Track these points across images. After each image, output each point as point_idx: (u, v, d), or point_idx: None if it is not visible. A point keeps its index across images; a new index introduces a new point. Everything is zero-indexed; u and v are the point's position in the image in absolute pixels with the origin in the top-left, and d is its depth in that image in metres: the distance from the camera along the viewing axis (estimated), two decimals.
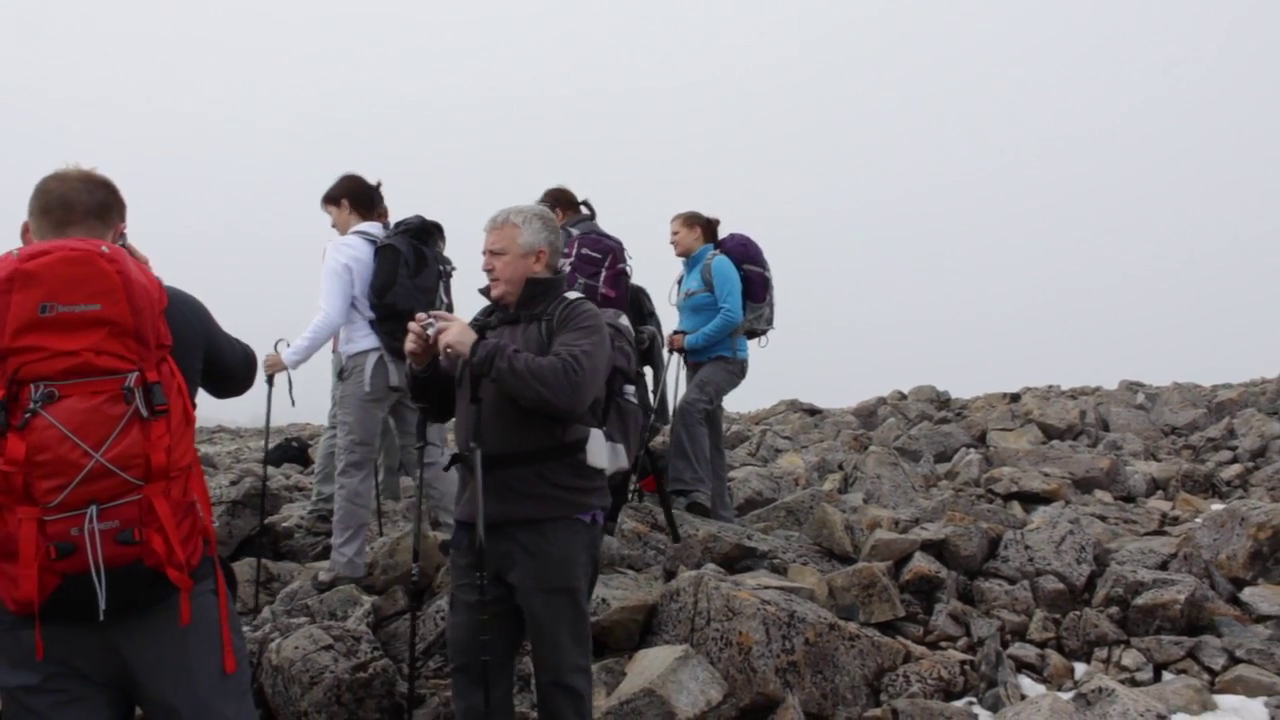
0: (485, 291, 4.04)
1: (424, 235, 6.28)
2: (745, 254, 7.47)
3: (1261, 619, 6.04)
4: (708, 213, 7.62)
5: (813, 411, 19.55)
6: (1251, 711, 4.87)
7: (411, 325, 3.83)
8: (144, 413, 2.64)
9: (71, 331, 2.58)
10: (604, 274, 6.36)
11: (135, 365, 2.66)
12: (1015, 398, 18.55)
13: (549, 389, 3.55)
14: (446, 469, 4.46)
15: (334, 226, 6.38)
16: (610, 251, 6.45)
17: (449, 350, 3.73)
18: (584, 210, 6.98)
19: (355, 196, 6.38)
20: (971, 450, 12.60)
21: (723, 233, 7.65)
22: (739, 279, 7.31)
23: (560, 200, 6.96)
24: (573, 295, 3.93)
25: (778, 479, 10.11)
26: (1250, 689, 5.12)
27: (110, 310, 2.63)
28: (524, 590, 3.75)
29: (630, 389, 4.08)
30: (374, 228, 6.30)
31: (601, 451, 3.82)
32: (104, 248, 2.67)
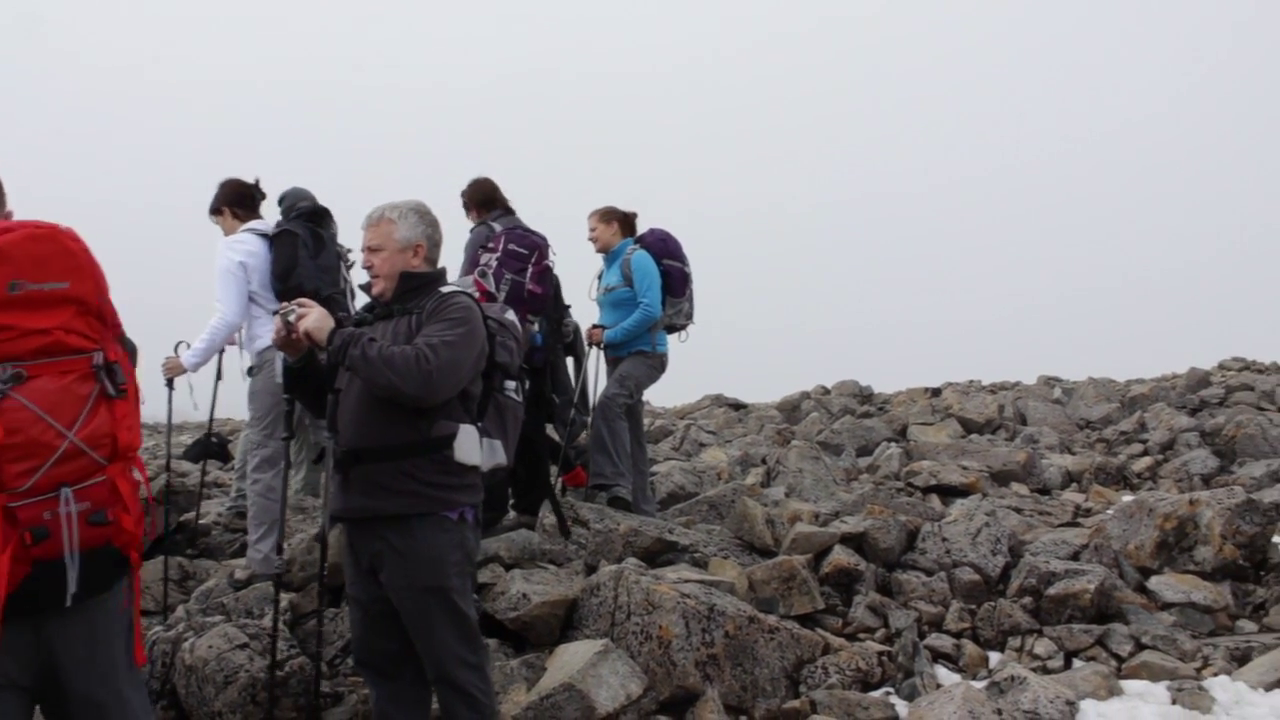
0: (366, 288, 4.01)
1: (317, 218, 6.28)
2: (665, 249, 7.49)
3: (1166, 606, 6.25)
4: (625, 207, 7.61)
5: (737, 406, 19.70)
6: (1155, 695, 5.02)
7: (276, 315, 3.79)
8: (110, 391, 2.64)
9: (41, 310, 2.55)
10: (530, 270, 6.32)
11: (98, 344, 2.66)
12: (936, 393, 18.88)
13: (399, 377, 3.52)
14: (316, 463, 4.42)
15: (226, 235, 6.36)
16: (536, 247, 6.42)
17: (307, 338, 3.69)
18: (503, 208, 6.95)
19: (235, 200, 6.41)
20: (892, 444, 12.79)
21: (641, 227, 7.64)
22: (659, 274, 7.32)
23: (484, 192, 6.92)
24: (448, 289, 3.90)
25: (701, 473, 10.17)
26: (1154, 674, 5.29)
27: (77, 288, 2.62)
28: (395, 589, 3.73)
29: (511, 385, 4.06)
30: (261, 223, 6.28)
31: (472, 447, 3.77)
32: (62, 225, 2.65)
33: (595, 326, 7.46)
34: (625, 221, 7.56)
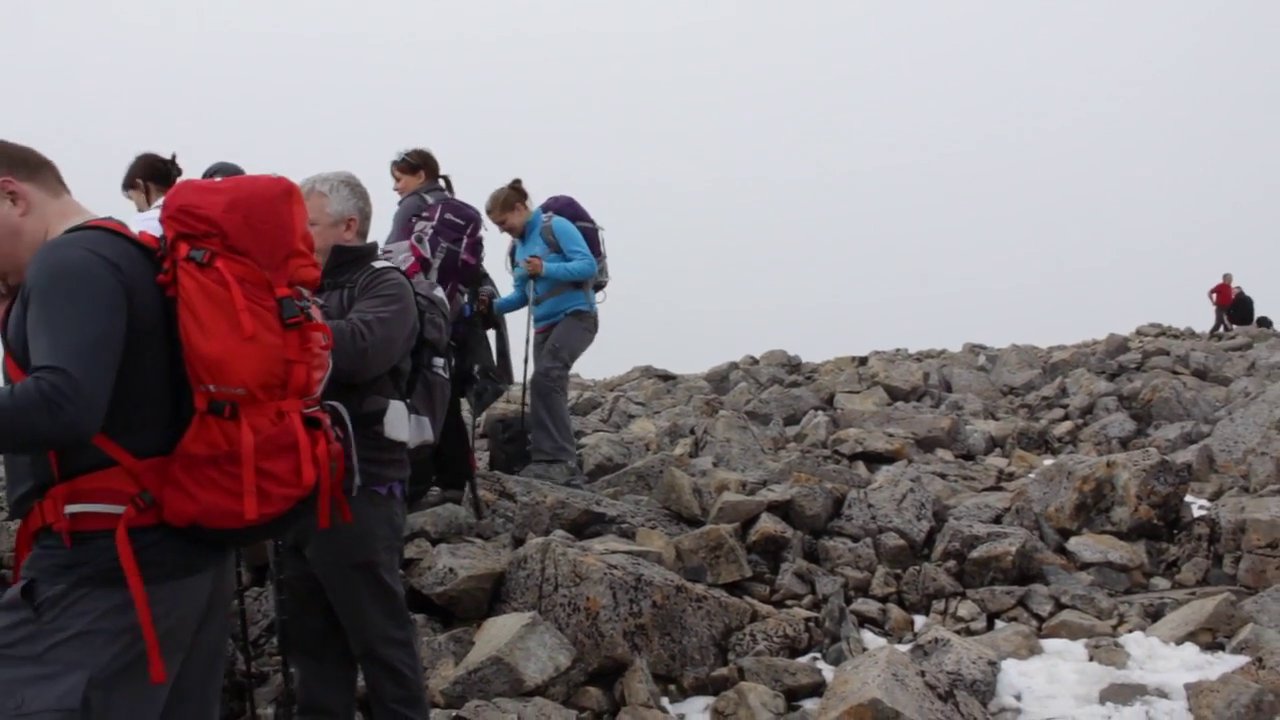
0: None
1: None
2: (575, 211, 7.57)
3: (1085, 566, 6.43)
4: (503, 183, 7.51)
5: (666, 377, 19.73)
6: (1073, 653, 5.18)
7: None
8: None
9: (313, 248, 2.79)
10: (465, 240, 6.28)
11: None
12: (863, 361, 19.09)
13: (333, 352, 3.50)
14: None
15: (140, 211, 6.19)
16: (472, 219, 6.38)
17: None
18: (441, 183, 6.85)
19: (150, 174, 6.23)
20: (819, 413, 12.93)
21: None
22: (579, 232, 7.37)
23: (428, 163, 6.82)
24: (380, 264, 3.86)
25: (629, 444, 10.18)
26: (1073, 632, 5.44)
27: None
28: (321, 565, 3.70)
29: (439, 362, 4.05)
30: None
31: (401, 424, 3.77)
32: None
33: (534, 257, 7.28)
34: (521, 195, 7.48)
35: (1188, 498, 7.71)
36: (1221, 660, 4.95)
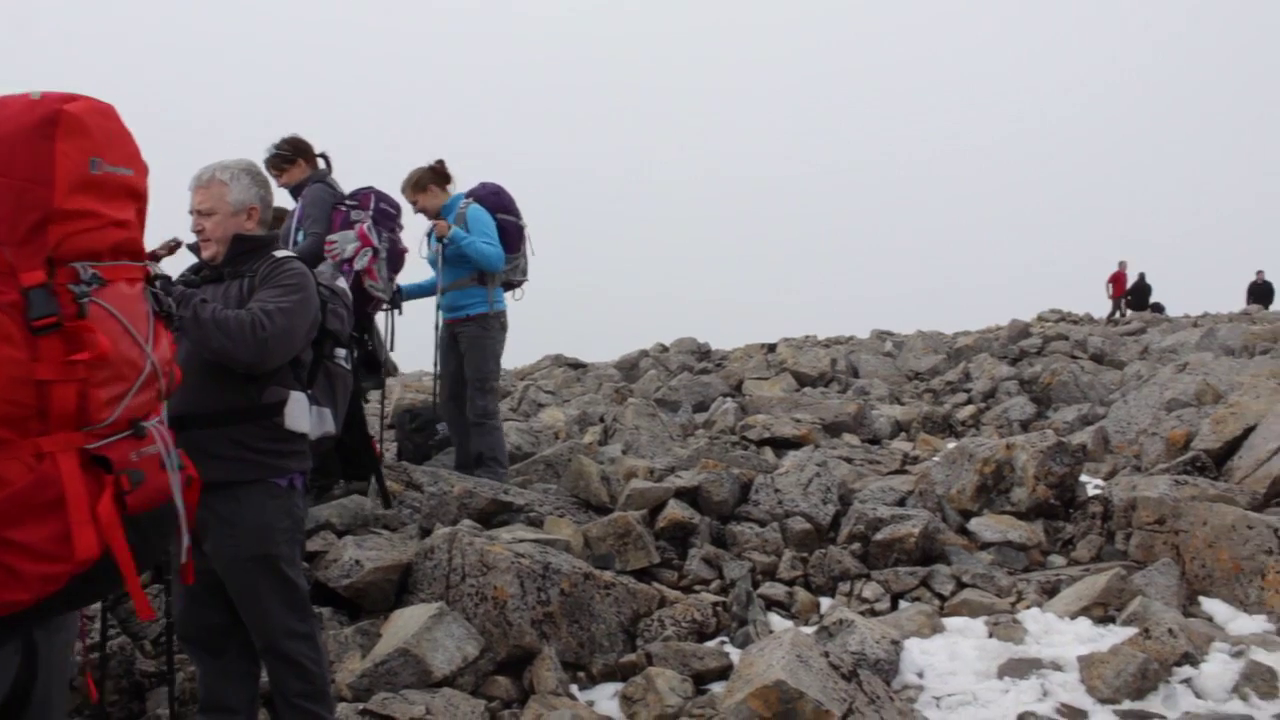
0: (195, 249, 3.86)
1: None
2: (499, 202, 7.33)
3: (985, 546, 6.62)
4: (424, 163, 7.30)
5: (576, 365, 19.74)
6: (973, 630, 5.32)
7: None
8: (159, 309, 2.20)
9: (115, 199, 2.06)
10: (398, 229, 6.23)
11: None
12: (772, 348, 19.28)
13: (232, 342, 3.43)
14: None
15: None
16: (399, 209, 6.30)
17: None
18: (321, 164, 6.72)
19: None
20: (728, 399, 13.04)
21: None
22: (495, 225, 7.16)
23: (303, 150, 6.68)
24: (281, 253, 3.81)
25: (538, 433, 10.19)
26: (974, 610, 5.60)
27: (139, 179, 2.16)
28: (221, 559, 3.65)
29: (342, 352, 4.02)
30: None
31: (302, 415, 3.74)
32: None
33: (441, 219, 7.09)
34: (439, 176, 7.28)
35: (1084, 478, 7.96)
36: (1112, 632, 5.13)
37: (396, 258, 6.20)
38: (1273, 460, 7.33)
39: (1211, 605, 5.48)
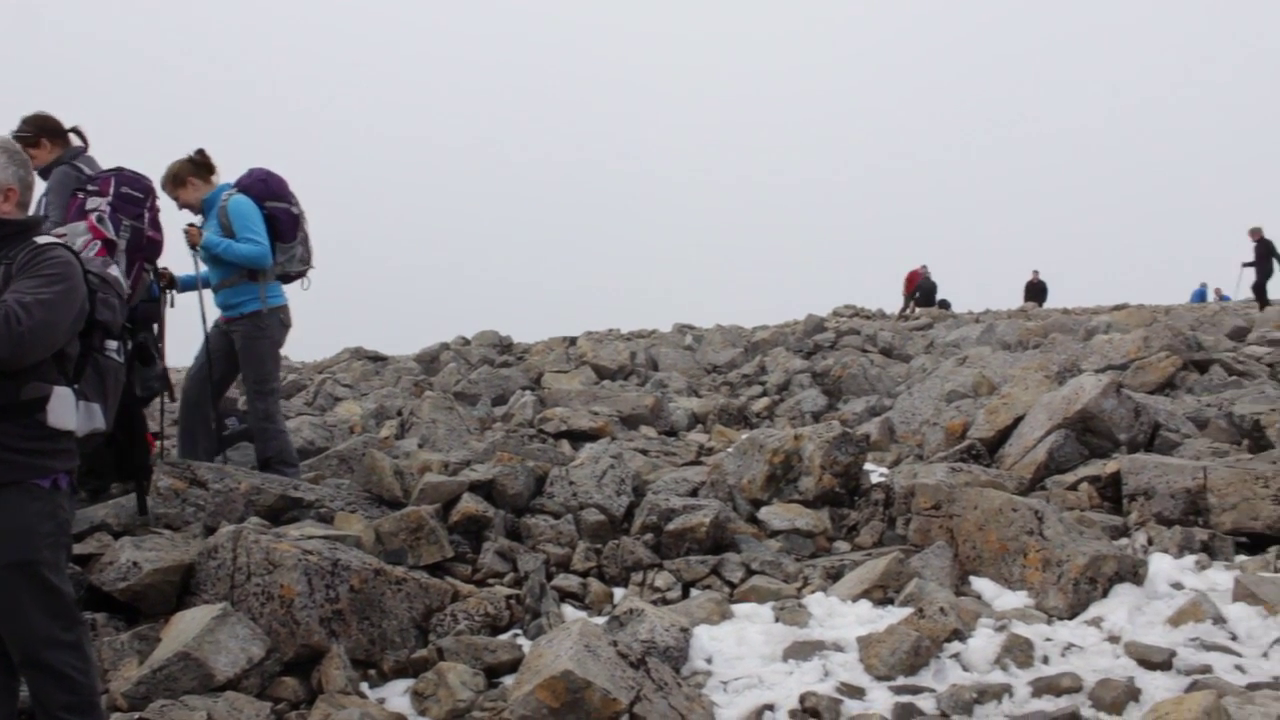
0: None
1: None
2: (266, 190, 6.98)
3: (774, 534, 6.91)
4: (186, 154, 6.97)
5: (376, 358, 19.43)
6: (761, 615, 5.55)
7: None
8: None
9: None
10: (147, 215, 5.87)
11: None
12: (573, 341, 19.43)
13: None
14: None
15: None
16: (149, 191, 5.95)
17: None
18: (75, 140, 6.34)
19: None
20: (527, 392, 13.10)
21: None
22: (261, 216, 6.84)
23: (48, 129, 6.26)
24: (44, 240, 3.60)
25: (332, 428, 10.03)
26: (761, 596, 5.84)
27: None
28: None
29: (113, 345, 3.84)
30: None
31: (67, 412, 3.55)
32: None
33: (191, 225, 6.75)
34: (200, 168, 6.93)
35: (870, 466, 8.36)
36: (890, 613, 5.44)
37: (146, 246, 5.86)
38: (1038, 448, 7.88)
39: (980, 584, 5.86)
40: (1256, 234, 23.48)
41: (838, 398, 13.43)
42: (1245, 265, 24.07)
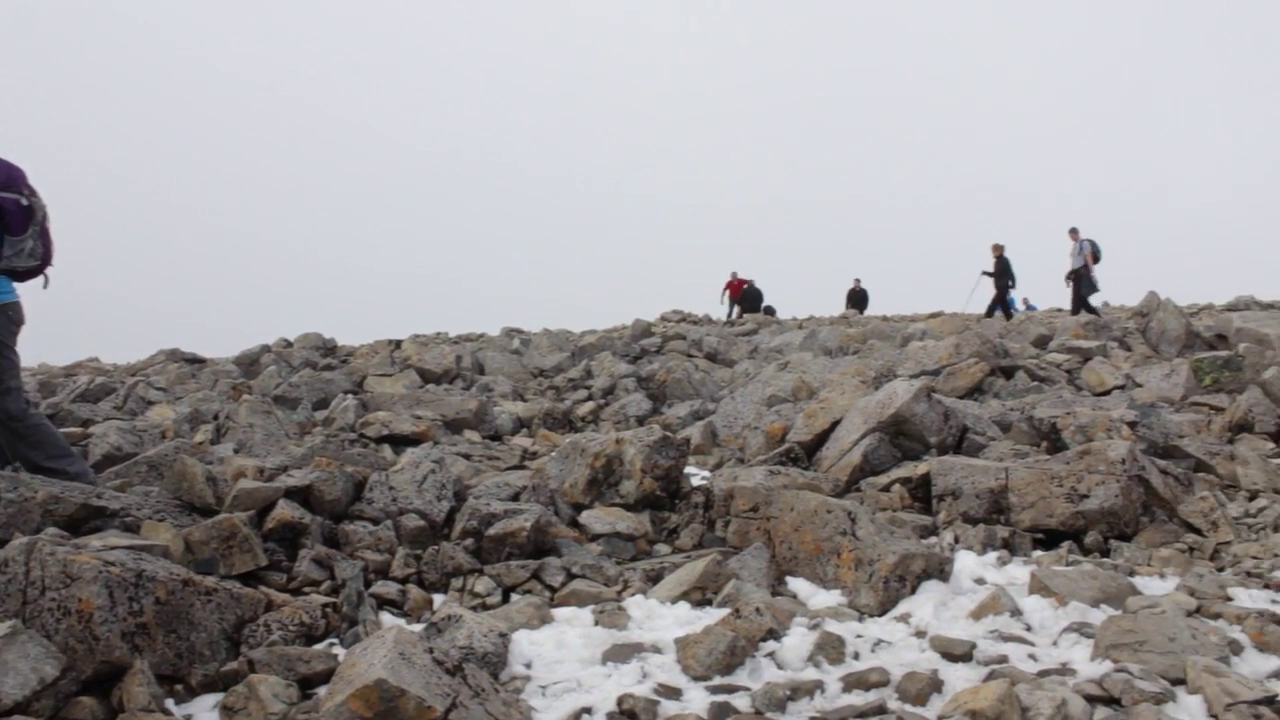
0: None
1: None
2: None
3: (596, 537, 6.97)
4: None
5: (193, 360, 18.78)
6: (580, 619, 5.60)
7: None
8: None
9: None
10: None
11: None
12: (397, 344, 19.17)
13: None
14: None
15: None
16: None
17: None
18: None
19: None
20: (349, 396, 12.86)
21: None
22: None
23: None
24: None
25: (142, 433, 9.63)
26: (582, 600, 5.89)
27: None
28: None
29: None
30: None
31: None
32: None
33: None
34: None
35: (692, 469, 8.51)
36: (708, 614, 5.56)
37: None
38: (853, 451, 8.15)
39: (796, 584, 6.05)
40: (997, 250, 25.85)
41: (662, 402, 13.63)
42: (984, 274, 26.15)
